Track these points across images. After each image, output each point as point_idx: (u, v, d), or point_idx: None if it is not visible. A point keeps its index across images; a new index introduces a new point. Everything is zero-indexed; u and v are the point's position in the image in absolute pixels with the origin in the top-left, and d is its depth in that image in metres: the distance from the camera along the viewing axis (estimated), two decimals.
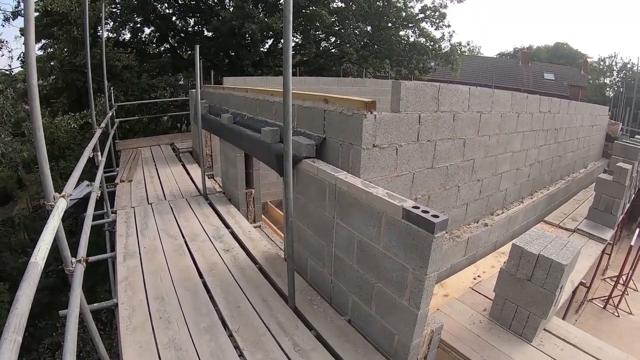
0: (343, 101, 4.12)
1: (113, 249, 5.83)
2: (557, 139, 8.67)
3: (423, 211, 2.89)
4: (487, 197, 6.46)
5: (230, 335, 3.74)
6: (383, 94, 12.27)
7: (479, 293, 5.17)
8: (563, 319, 6.53)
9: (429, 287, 3.05)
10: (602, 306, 8.82)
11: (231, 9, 17.00)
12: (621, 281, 9.15)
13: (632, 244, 8.45)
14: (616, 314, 8.75)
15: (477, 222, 6.33)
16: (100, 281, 9.98)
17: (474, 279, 5.60)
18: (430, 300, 3.18)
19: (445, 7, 20.39)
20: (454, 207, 5.76)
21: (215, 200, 7.36)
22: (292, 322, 3.96)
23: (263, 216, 7.79)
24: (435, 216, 2.83)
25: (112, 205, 7.09)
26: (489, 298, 4.92)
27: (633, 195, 11.27)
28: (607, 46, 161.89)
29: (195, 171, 9.25)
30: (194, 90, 8.45)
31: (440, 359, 4.23)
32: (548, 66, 43.76)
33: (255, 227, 6.46)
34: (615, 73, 46.73)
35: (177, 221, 6.47)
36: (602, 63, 48.07)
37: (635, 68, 43.01)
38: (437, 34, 20.78)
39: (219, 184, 8.58)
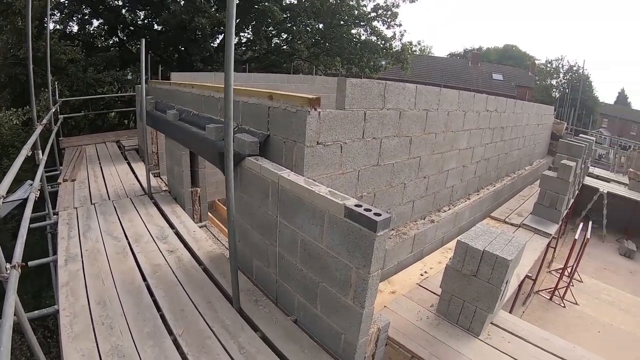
0: (287, 98, 4.02)
1: (55, 252, 5.53)
2: (503, 137, 8.88)
3: (365, 209, 2.83)
4: (433, 194, 6.52)
5: (175, 340, 3.60)
6: (333, 91, 12.21)
7: (426, 289, 5.19)
8: (510, 311, 6.69)
9: (373, 285, 2.99)
10: (549, 298, 9.07)
11: (182, 2, 16.58)
12: (566, 273, 9.44)
13: (576, 237, 8.72)
14: (562, 305, 9.01)
15: (424, 219, 6.37)
16: (46, 286, 9.52)
17: (421, 275, 5.63)
18: (375, 299, 3.13)
19: (398, 6, 20.63)
20: (400, 204, 5.76)
21: (161, 199, 7.12)
22: (237, 324, 3.84)
23: (211, 215, 7.59)
24: (378, 214, 2.77)
25: (54, 206, 6.74)
26: (436, 294, 4.93)
27: (577, 191, 11.70)
28: (555, 49, 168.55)
29: (141, 170, 8.92)
30: (140, 85, 8.18)
31: (389, 356, 4.22)
32: (497, 67, 45.46)
33: (200, 227, 6.29)
34: (561, 75, 48.98)
35: (120, 222, 6.21)
36: (549, 65, 50.39)
37: (580, 70, 45.16)
38: (388, 33, 21.04)
39: (165, 182, 8.32)
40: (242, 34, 20.50)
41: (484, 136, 7.72)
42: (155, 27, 19.13)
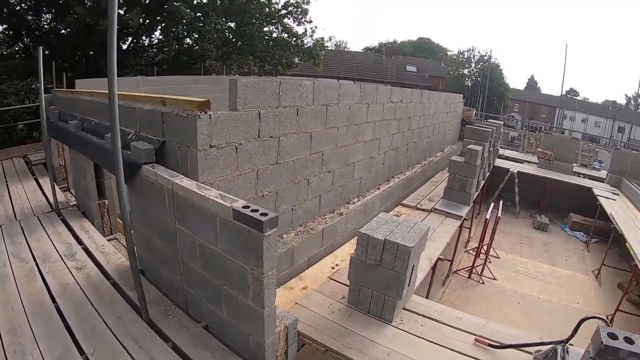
0: (179, 102, 3.95)
1: None
2: (410, 126, 9.18)
3: (252, 210, 2.84)
4: (341, 187, 6.64)
5: None
6: None
7: (338, 282, 5.28)
8: (427, 293, 6.93)
9: (270, 285, 3.01)
10: (467, 276, 9.50)
11: (87, 5, 15.84)
12: (483, 251, 9.93)
13: (487, 217, 9.19)
14: (481, 282, 9.47)
15: (333, 212, 6.48)
16: None
17: (332, 268, 5.72)
18: (274, 298, 3.15)
19: (308, 3, 20.84)
20: (306, 200, 5.82)
21: (69, 215, 6.79)
22: (148, 337, 3.74)
23: None
24: (264, 214, 2.78)
25: None
26: (347, 285, 5.01)
27: (488, 173, 12.31)
28: (467, 40, 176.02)
29: (49, 185, 8.49)
30: (45, 95, 7.75)
31: (307, 352, 4.27)
32: (411, 59, 47.38)
33: (110, 240, 6.07)
34: (473, 64, 51.51)
35: (28, 243, 5.86)
36: (461, 56, 52.79)
37: (490, 59, 47.66)
38: (299, 30, 21.34)
39: (74, 196, 7.95)
40: (152, 35, 19.96)
41: (390, 127, 7.94)
42: (62, 31, 18.16)
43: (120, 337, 3.75)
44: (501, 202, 10.73)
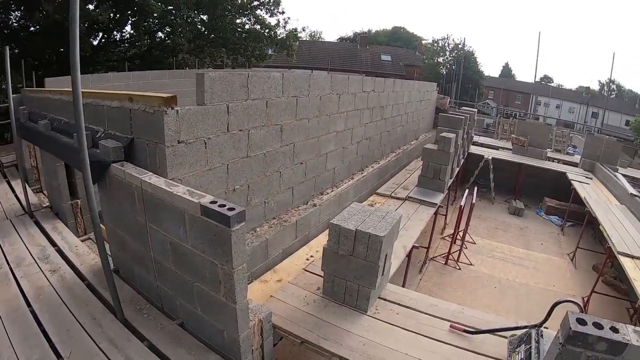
0: (145, 98, 3.93)
1: None
2: (384, 115, 9.24)
3: (220, 205, 2.86)
4: (313, 178, 6.66)
5: None
6: None
7: (312, 273, 5.31)
8: (404, 281, 7.00)
9: (240, 280, 3.04)
10: (444, 262, 9.63)
11: (55, 2, 15.50)
12: (459, 237, 10.07)
13: (462, 204, 9.32)
14: (458, 268, 9.61)
15: (307, 204, 6.51)
16: None
17: (307, 259, 5.75)
18: (246, 292, 3.18)
19: None
20: (279, 193, 5.84)
21: (42, 217, 6.70)
22: (123, 336, 3.73)
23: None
24: (232, 209, 2.81)
25: None
26: (321, 276, 5.04)
27: (462, 160, 12.46)
28: (441, 29, 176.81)
29: (21, 187, 8.34)
30: (14, 95, 7.60)
31: (286, 345, 4.29)
32: (385, 48, 47.58)
33: (84, 240, 6.01)
34: (447, 53, 52.11)
35: (1, 247, 5.76)
36: (435, 44, 53.34)
37: (464, 47, 48.15)
38: (272, 21, 21.18)
39: (48, 198, 7.84)
40: (123, 30, 19.65)
41: (362, 117, 7.98)
42: (32, 29, 17.77)
43: (96, 338, 3.74)
44: (476, 188, 10.86)
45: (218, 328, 3.40)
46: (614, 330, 2.45)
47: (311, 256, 5.85)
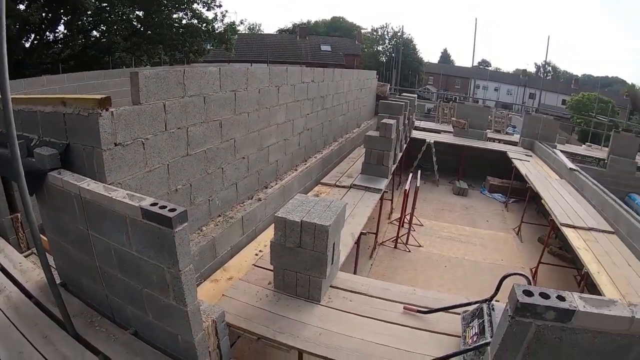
0: (79, 101, 3.81)
1: None
2: (324, 105, 9.31)
3: (160, 207, 2.83)
4: (257, 173, 6.63)
5: None
6: None
7: (262, 268, 5.28)
8: (355, 268, 7.12)
9: (188, 282, 3.02)
10: (393, 246, 9.85)
11: None
12: (406, 220, 10.32)
13: (407, 188, 9.56)
14: (407, 250, 9.85)
15: (251, 199, 6.48)
16: None
17: (256, 254, 5.72)
18: (196, 294, 3.16)
19: None
20: (223, 189, 5.79)
21: None
22: (77, 352, 3.61)
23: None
24: (173, 210, 2.78)
25: None
26: (272, 271, 5.02)
27: (405, 145, 12.74)
28: (380, 17, 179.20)
29: None
30: None
31: (244, 343, 4.27)
32: (325, 39, 47.94)
33: (27, 256, 5.76)
34: (387, 41, 53.17)
35: None
36: (375, 33, 54.29)
37: (403, 35, 49.19)
38: (210, 15, 20.76)
39: None
40: (57, 30, 18.78)
41: (303, 107, 8.02)
42: None
43: (50, 357, 3.60)
44: (419, 171, 11.15)
45: (172, 333, 3.36)
46: (561, 298, 2.50)
47: (260, 251, 5.82)
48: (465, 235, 11.38)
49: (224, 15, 21.88)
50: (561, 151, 14.93)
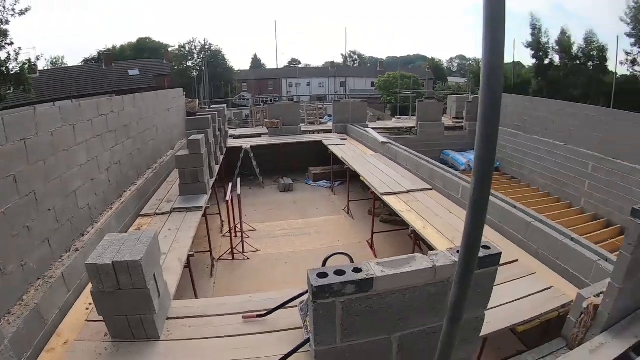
0: None
1: None
2: (129, 134, 8.93)
3: None
4: (68, 222, 6.09)
5: None
6: None
7: (95, 321, 4.80)
8: (195, 292, 7.01)
9: None
10: (231, 258, 9.88)
11: None
12: (238, 230, 10.43)
13: (227, 199, 9.68)
14: (246, 258, 9.95)
15: (69, 251, 5.97)
16: None
17: (87, 309, 5.20)
18: None
19: (7, 22, 18.27)
20: (34, 249, 5.22)
21: None
22: None
23: None
24: None
25: None
26: (104, 321, 4.62)
27: (222, 156, 12.81)
28: (186, 33, 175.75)
29: None
30: None
31: None
32: (132, 63, 46.11)
33: None
34: (195, 55, 53.04)
35: None
36: (182, 49, 53.76)
37: (210, 47, 49.69)
38: (2, 55, 18.35)
39: None
40: None
41: (106, 141, 7.59)
42: None
43: None
44: (239, 179, 11.23)
45: None
46: (357, 270, 2.70)
47: (90, 304, 5.27)
48: (298, 228, 11.86)
49: (17, 54, 19.21)
50: (373, 128, 16.55)
